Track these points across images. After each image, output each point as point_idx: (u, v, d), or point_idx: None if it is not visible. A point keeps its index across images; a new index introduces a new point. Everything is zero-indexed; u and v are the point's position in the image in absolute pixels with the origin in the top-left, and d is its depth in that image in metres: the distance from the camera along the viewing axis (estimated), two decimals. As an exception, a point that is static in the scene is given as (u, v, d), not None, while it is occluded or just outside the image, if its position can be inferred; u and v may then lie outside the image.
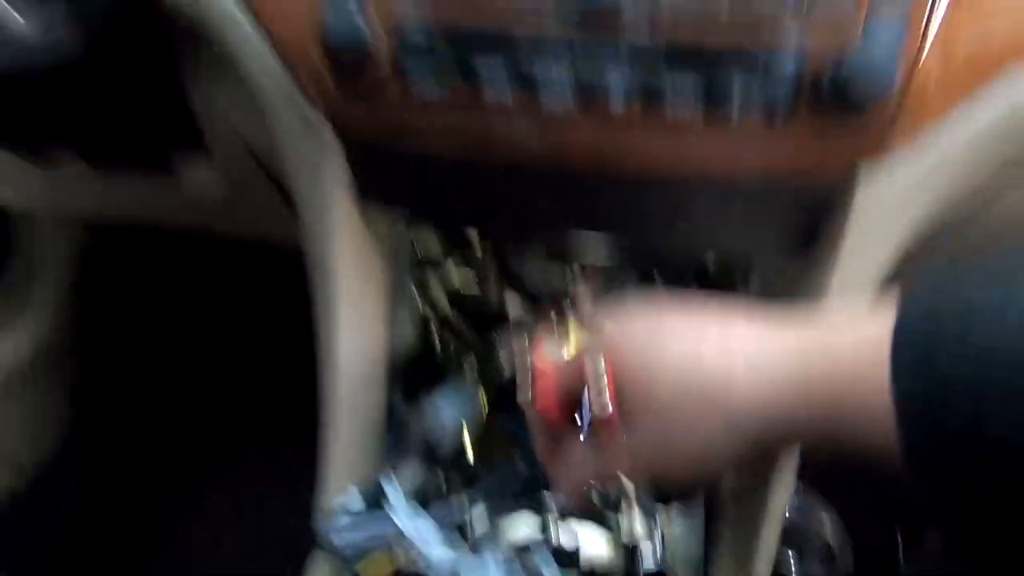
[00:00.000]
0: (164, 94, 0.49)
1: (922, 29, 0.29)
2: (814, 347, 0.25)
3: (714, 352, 0.27)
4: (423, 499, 0.43)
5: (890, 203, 0.34)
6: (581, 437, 0.30)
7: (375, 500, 0.41)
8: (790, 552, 0.70)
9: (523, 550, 0.41)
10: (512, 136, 0.33)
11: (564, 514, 0.41)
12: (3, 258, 1.02)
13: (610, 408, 0.27)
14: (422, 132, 0.35)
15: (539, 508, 0.43)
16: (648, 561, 0.41)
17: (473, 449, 0.52)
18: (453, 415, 0.48)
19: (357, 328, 0.42)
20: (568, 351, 0.35)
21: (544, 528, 0.42)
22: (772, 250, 0.36)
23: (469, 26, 0.31)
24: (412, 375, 0.53)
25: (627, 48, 0.30)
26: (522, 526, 0.42)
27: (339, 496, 0.41)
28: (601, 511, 0.42)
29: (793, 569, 0.70)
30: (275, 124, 0.39)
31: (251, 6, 0.35)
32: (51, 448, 1.02)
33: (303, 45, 0.33)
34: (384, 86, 0.33)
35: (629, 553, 0.42)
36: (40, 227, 1.02)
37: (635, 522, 0.42)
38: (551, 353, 0.32)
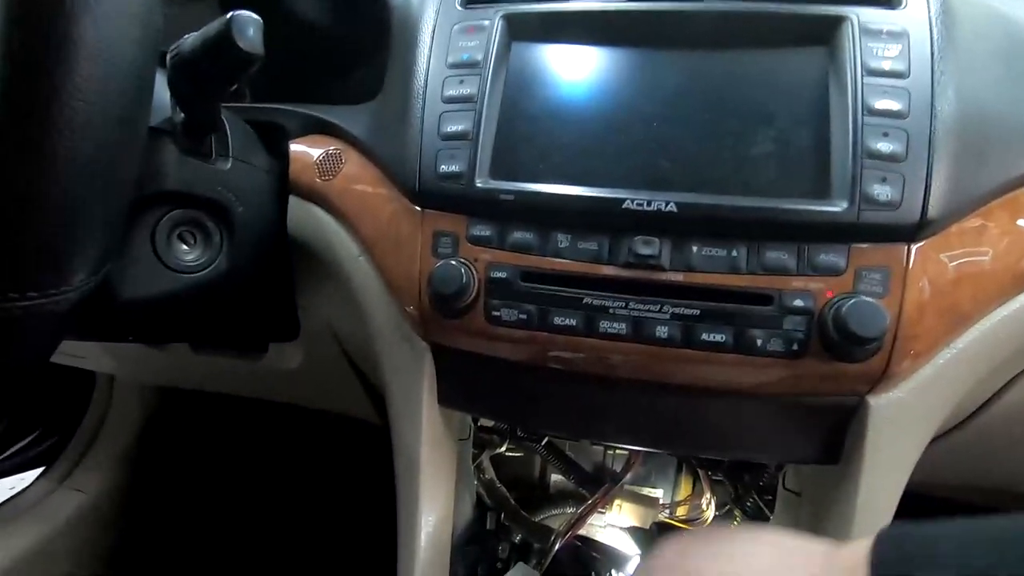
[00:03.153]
0: (276, 297, 0.59)
1: (903, 280, 0.37)
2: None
3: None
4: None
5: (902, 413, 0.39)
6: None
7: None
8: None
9: None
10: (573, 351, 0.41)
11: None
12: (79, 414, 1.10)
13: None
14: (498, 340, 0.43)
15: None
16: None
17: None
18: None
19: (433, 511, 0.47)
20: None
21: None
22: (799, 458, 0.41)
23: (544, 271, 0.40)
24: (468, 551, 0.56)
25: (667, 288, 0.39)
26: None
27: None
28: None
29: None
30: (375, 334, 0.48)
31: (373, 258, 0.46)
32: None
33: (412, 287, 0.43)
34: (472, 311, 0.42)
35: None
36: (117, 387, 1.11)
37: None
38: None
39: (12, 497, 1.01)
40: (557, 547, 0.59)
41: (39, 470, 1.07)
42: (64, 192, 0.24)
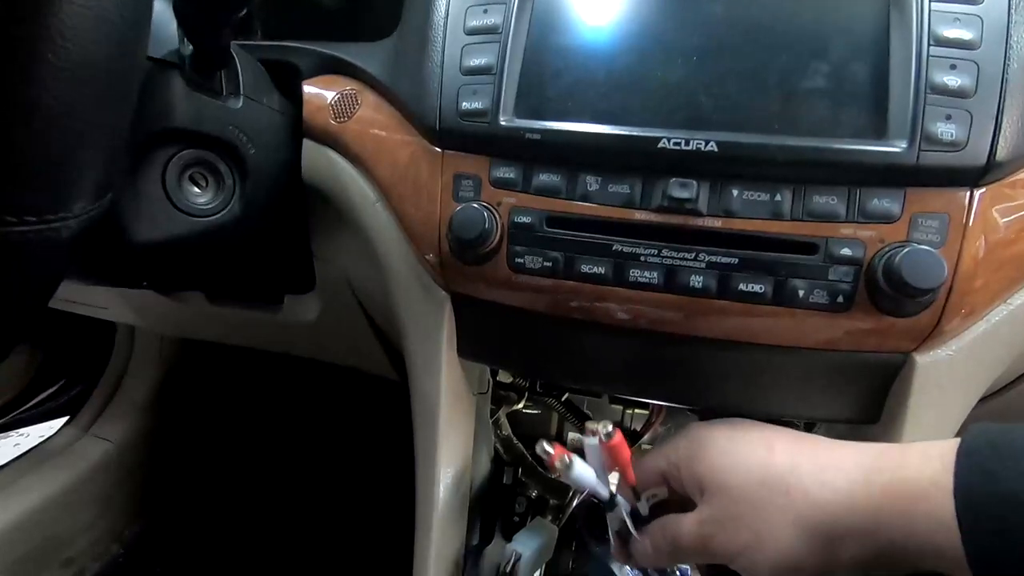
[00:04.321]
0: (292, 247, 0.58)
1: (962, 228, 0.34)
2: (879, 456, 0.29)
3: (784, 450, 0.31)
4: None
5: (950, 372, 0.37)
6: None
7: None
8: None
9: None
10: (600, 302, 0.39)
11: None
12: (102, 365, 1.12)
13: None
14: (521, 289, 0.41)
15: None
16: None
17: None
18: (529, 550, 0.50)
19: (452, 464, 0.46)
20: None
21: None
22: (836, 416, 0.39)
23: (571, 216, 0.38)
24: (485, 505, 0.55)
25: (704, 234, 0.36)
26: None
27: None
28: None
29: None
30: (393, 283, 0.46)
31: (391, 203, 0.44)
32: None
33: (432, 233, 0.41)
34: (494, 258, 0.40)
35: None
36: (138, 338, 1.12)
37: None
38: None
39: (39, 444, 1.04)
40: (574, 503, 0.59)
41: (64, 419, 1.10)
42: (58, 110, 0.22)
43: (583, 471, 0.38)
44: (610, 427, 0.38)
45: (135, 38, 0.25)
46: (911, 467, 0.27)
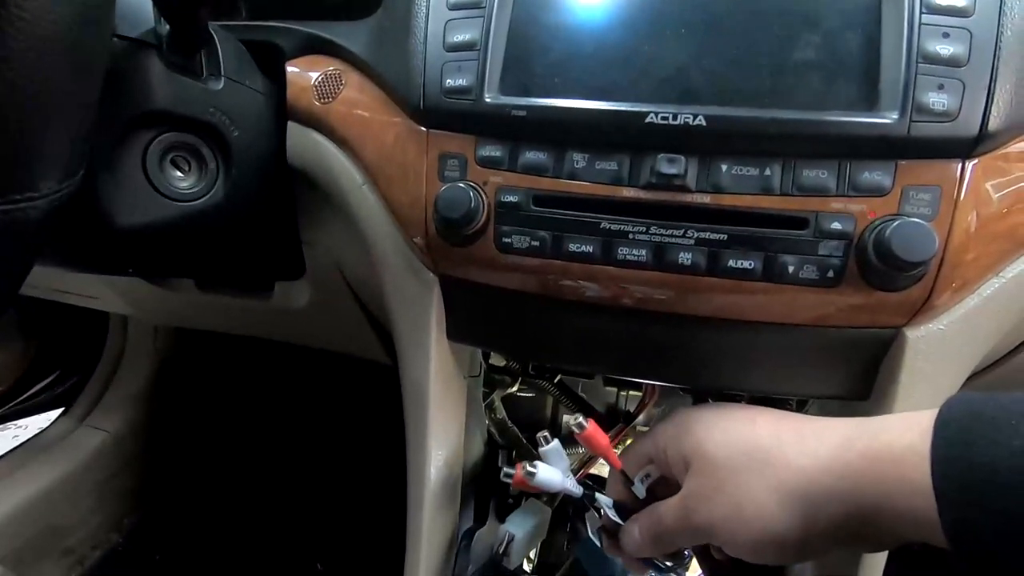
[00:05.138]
0: (280, 233, 0.57)
1: (954, 201, 0.33)
2: (860, 424, 0.29)
3: (767, 424, 0.32)
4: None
5: (941, 347, 0.37)
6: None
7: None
8: None
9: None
10: (588, 281, 0.38)
11: None
12: (96, 353, 1.12)
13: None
14: (508, 270, 0.40)
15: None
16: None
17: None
18: (522, 531, 0.50)
19: (443, 447, 0.46)
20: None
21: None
22: (827, 393, 0.39)
23: (559, 194, 0.37)
24: (479, 487, 0.55)
25: (692, 211, 0.35)
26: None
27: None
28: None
29: None
30: (381, 267, 0.46)
31: (378, 185, 0.43)
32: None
33: (419, 215, 0.40)
34: (481, 239, 0.39)
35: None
36: (131, 328, 1.11)
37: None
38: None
39: (36, 435, 1.03)
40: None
41: (60, 410, 1.10)
42: (18, 84, 0.21)
43: (549, 474, 0.39)
44: (580, 418, 0.38)
45: (100, 8, 0.24)
46: (890, 433, 0.27)
